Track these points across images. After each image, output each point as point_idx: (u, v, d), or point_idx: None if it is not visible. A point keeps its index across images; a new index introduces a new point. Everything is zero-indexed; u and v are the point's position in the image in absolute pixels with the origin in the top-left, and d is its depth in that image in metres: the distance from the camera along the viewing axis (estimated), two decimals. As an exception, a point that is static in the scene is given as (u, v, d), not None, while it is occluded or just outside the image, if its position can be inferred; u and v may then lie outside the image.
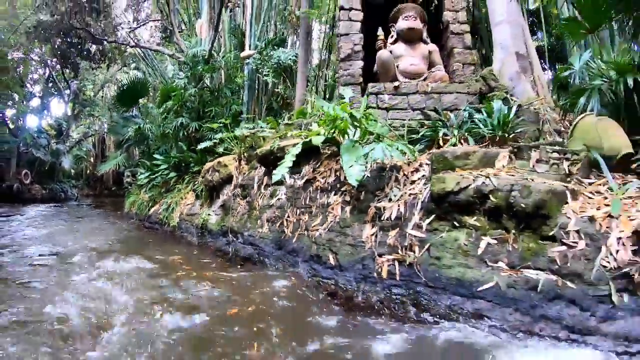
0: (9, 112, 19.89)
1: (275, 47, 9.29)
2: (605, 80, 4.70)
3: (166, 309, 3.02)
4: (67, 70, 17.68)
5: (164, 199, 7.87)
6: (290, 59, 8.74)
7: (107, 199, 21.92)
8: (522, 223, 2.77)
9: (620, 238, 2.59)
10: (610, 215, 2.79)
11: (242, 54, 9.25)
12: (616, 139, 3.96)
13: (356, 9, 5.99)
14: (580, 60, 5.65)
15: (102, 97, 23.52)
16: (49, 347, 2.48)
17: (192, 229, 6.28)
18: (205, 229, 5.85)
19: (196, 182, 7.09)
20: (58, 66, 19.32)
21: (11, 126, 19.63)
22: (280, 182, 4.62)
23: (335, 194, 3.89)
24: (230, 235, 5.15)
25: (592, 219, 2.73)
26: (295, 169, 4.50)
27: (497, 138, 4.89)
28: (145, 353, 2.40)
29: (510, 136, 4.97)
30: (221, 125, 6.52)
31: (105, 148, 24.65)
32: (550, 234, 2.69)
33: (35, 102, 21.96)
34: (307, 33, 8.73)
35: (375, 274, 3.12)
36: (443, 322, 2.72)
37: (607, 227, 2.67)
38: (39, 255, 5.35)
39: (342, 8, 6.00)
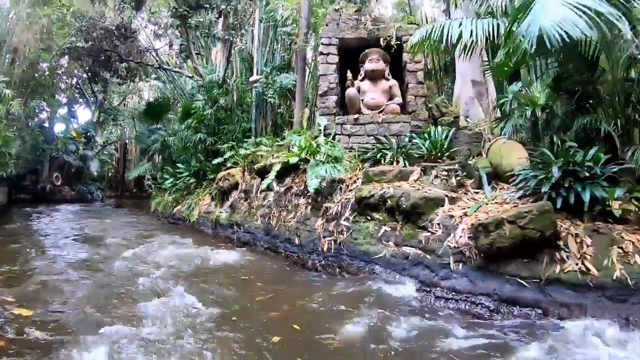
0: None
1: (280, 72, 11.33)
2: (527, 108, 6.44)
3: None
4: (96, 85, 20.14)
5: (185, 200, 10.05)
6: (290, 83, 10.74)
7: (129, 200, 24.06)
8: (405, 217, 4.70)
9: (463, 229, 4.47)
10: (466, 214, 4.69)
11: (251, 79, 11.32)
12: (513, 158, 5.75)
13: (333, 54, 7.99)
14: (512, 91, 7.50)
15: (125, 105, 26.10)
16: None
17: (207, 223, 8.41)
18: (218, 223, 7.97)
19: (211, 187, 9.21)
20: (84, 75, 21.81)
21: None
22: (270, 189, 6.67)
23: (303, 198, 5.92)
24: (235, 227, 7.24)
25: (452, 216, 4.62)
26: (281, 179, 6.56)
27: (432, 157, 6.79)
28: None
29: (445, 155, 6.85)
30: (230, 145, 8.66)
31: (127, 153, 27.06)
32: (422, 225, 4.58)
33: (62, 110, 24.63)
34: (303, 63, 10.73)
35: (320, 249, 5.12)
36: (355, 277, 4.68)
37: (459, 222, 4.55)
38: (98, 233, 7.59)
39: (321, 53, 8.02)
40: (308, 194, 5.82)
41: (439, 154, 6.68)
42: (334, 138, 7.06)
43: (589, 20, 3.26)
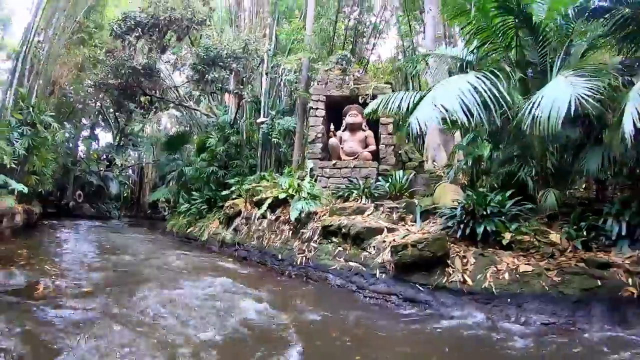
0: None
1: (284, 115, 13.78)
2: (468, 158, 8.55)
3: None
4: (120, 114, 23.11)
5: (198, 223, 12.46)
6: (292, 126, 13.13)
7: (144, 220, 26.57)
8: (353, 241, 6.93)
9: (389, 250, 6.69)
10: (394, 240, 6.89)
11: (258, 121, 13.80)
12: (447, 199, 7.89)
13: (320, 109, 10.40)
14: (464, 143, 9.67)
15: (143, 130, 29.07)
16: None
17: (215, 242, 10.75)
18: (223, 242, 10.30)
19: (220, 214, 11.57)
20: (109, 102, 24.80)
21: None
22: (264, 217, 8.99)
23: (287, 225, 8.22)
24: (237, 246, 9.57)
25: (384, 241, 6.82)
26: (273, 210, 8.88)
27: (392, 195, 8.99)
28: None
29: (405, 194, 9.05)
30: (237, 180, 11.08)
31: (144, 176, 29.79)
32: (364, 247, 6.81)
33: (84, 132, 27.67)
34: (303, 109, 13.15)
35: (295, 263, 7.38)
36: (316, 282, 6.90)
37: (388, 245, 6.77)
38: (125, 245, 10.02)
39: (311, 108, 10.43)
40: (291, 222, 8.12)
41: (398, 194, 8.90)
42: (317, 179, 9.39)
43: (438, 116, 5.42)
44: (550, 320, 4.81)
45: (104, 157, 27.35)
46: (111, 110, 25.34)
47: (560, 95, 4.86)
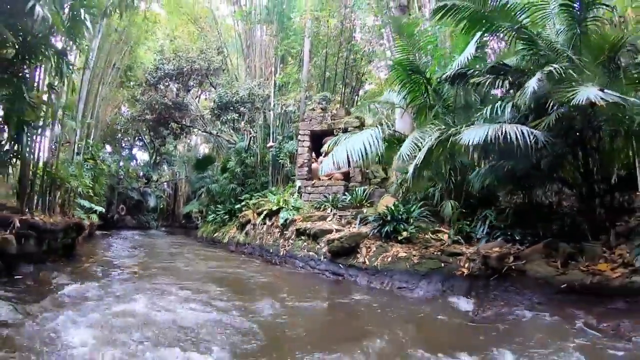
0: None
1: (289, 140, 18.69)
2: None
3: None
4: (156, 140, 28.99)
5: (221, 229, 17.66)
6: (295, 149, 17.97)
7: (178, 229, 32.26)
8: (312, 238, 11.73)
9: (338, 242, 11.48)
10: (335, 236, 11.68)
11: (268, 145, 18.80)
12: (382, 206, 12.59)
13: (306, 140, 15.28)
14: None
15: (175, 147, 34.93)
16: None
17: (233, 243, 15.86)
18: (238, 243, 15.38)
19: (237, 221, 16.65)
20: (145, 128, 30.72)
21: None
22: (264, 223, 13.97)
23: (277, 229, 13.17)
24: (247, 245, 14.61)
25: (330, 238, 11.62)
26: (270, 218, 13.88)
27: (353, 206, 13.72)
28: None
29: (365, 204, 13.76)
30: (249, 195, 16.15)
31: (178, 190, 35.64)
32: (317, 242, 11.58)
33: (123, 153, 33.84)
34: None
35: (279, 254, 12.32)
36: (288, 265, 11.77)
37: (333, 239, 11.55)
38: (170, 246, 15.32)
39: (298, 140, 15.32)
40: (279, 227, 13.04)
41: (359, 204, 13.60)
42: (302, 195, 14.28)
43: (333, 167, 10.15)
44: (402, 285, 8.06)
45: (142, 174, 33.35)
46: (147, 133, 31.28)
47: (401, 149, 8.96)
